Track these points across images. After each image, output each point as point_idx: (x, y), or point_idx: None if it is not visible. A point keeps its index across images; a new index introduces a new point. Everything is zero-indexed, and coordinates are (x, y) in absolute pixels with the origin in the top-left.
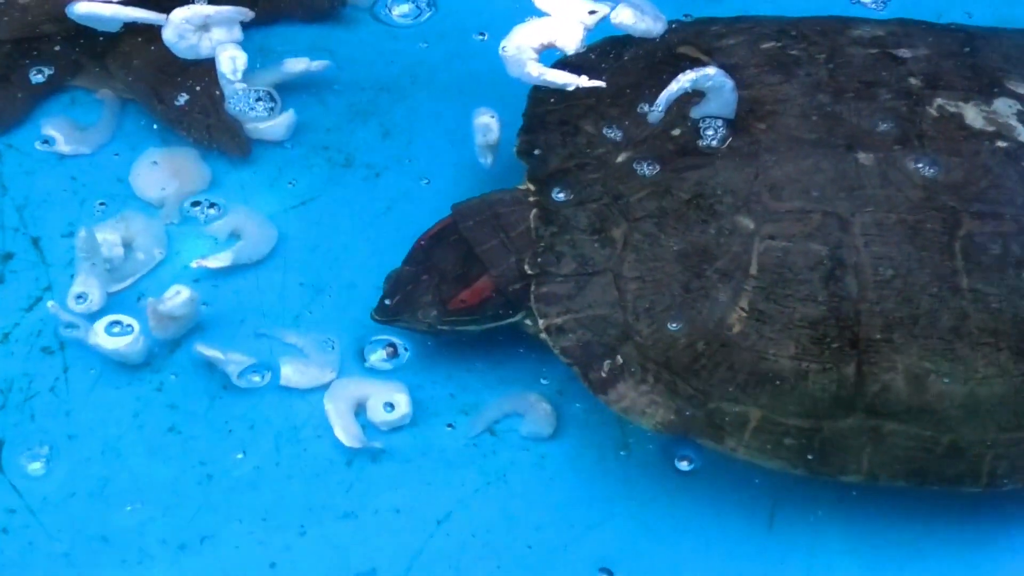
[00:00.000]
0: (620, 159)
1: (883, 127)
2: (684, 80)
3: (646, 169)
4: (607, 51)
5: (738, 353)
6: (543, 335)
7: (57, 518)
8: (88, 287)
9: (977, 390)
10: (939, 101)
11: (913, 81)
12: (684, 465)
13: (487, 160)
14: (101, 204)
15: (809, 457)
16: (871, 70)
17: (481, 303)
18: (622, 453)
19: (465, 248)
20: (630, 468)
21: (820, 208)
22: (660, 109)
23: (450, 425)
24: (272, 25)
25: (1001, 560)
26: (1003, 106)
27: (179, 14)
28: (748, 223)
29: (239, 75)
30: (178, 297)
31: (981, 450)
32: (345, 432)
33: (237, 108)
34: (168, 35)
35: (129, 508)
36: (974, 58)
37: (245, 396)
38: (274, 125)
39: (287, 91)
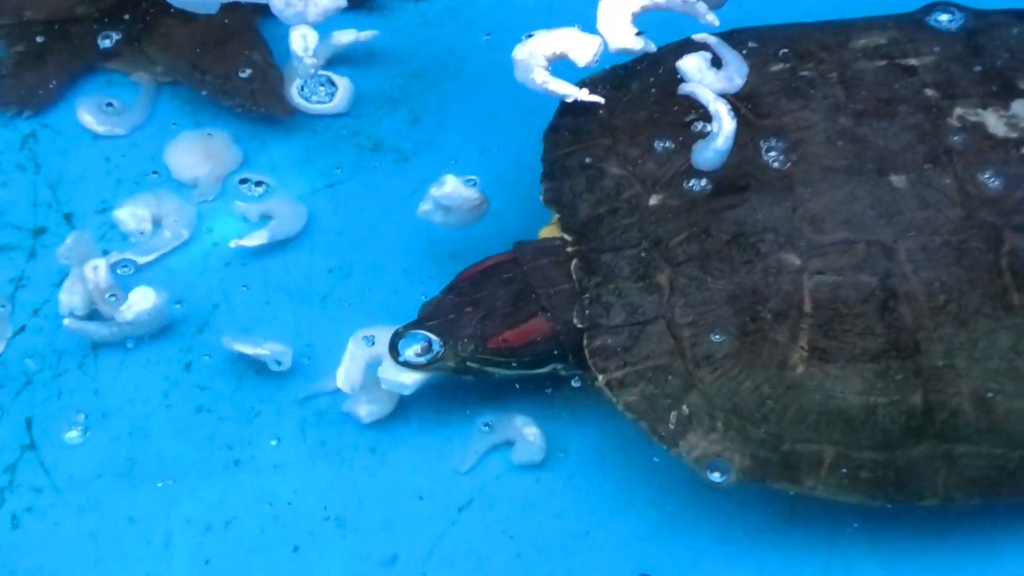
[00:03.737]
0: (653, 202)
1: (910, 146)
2: (712, 101)
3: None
4: (614, 80)
5: (805, 394)
6: (605, 391)
7: (84, 497)
8: (72, 294)
9: None
10: (959, 111)
11: (929, 92)
12: (716, 476)
13: (427, 210)
14: (135, 183)
15: (886, 488)
16: (885, 85)
17: (523, 346)
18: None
19: (519, 288)
20: (653, 458)
21: (863, 237)
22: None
23: (487, 425)
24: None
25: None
26: (1021, 109)
27: None
28: (794, 259)
29: (310, 52)
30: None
31: None
32: (345, 375)
33: (304, 93)
34: (275, 2)
35: (159, 486)
36: (981, 59)
37: (272, 378)
38: (332, 106)
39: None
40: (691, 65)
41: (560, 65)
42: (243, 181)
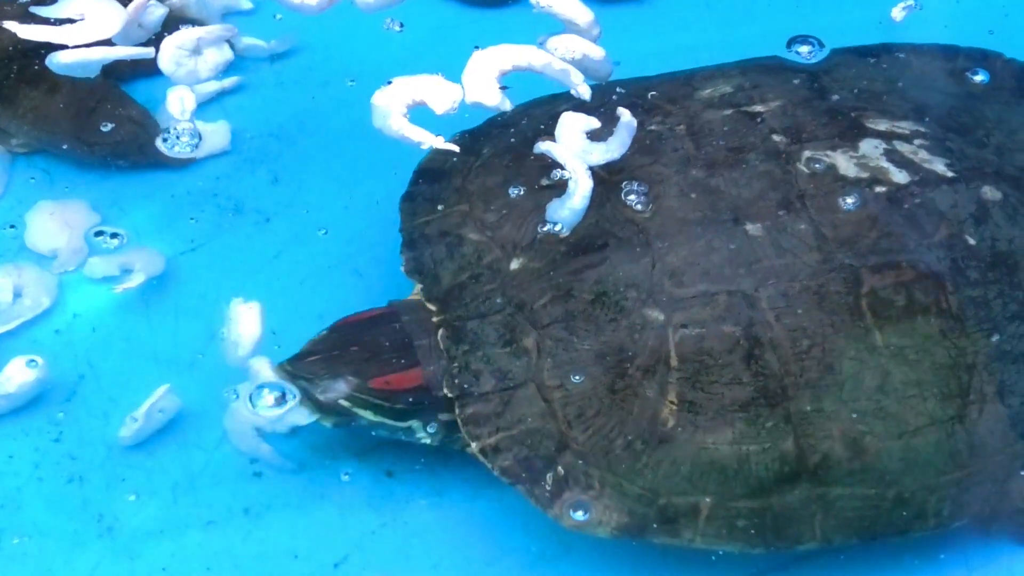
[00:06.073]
0: (514, 266)
1: (763, 194)
2: (568, 160)
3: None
4: (464, 145)
5: (677, 447)
6: (479, 457)
7: None
8: None
9: (912, 442)
10: (807, 154)
11: (777, 138)
12: (579, 515)
13: (235, 350)
14: None
15: (764, 534)
16: (733, 134)
17: (401, 392)
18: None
19: (404, 337)
20: (526, 504)
21: (724, 288)
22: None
23: (346, 475)
24: (158, 76)
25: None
26: (869, 148)
27: (171, 41)
28: (657, 314)
29: (187, 115)
30: None
31: (925, 496)
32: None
33: (167, 144)
34: (165, 65)
35: (29, 556)
36: (826, 100)
37: (141, 444)
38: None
39: None
40: (565, 123)
41: (419, 118)
42: (98, 234)
